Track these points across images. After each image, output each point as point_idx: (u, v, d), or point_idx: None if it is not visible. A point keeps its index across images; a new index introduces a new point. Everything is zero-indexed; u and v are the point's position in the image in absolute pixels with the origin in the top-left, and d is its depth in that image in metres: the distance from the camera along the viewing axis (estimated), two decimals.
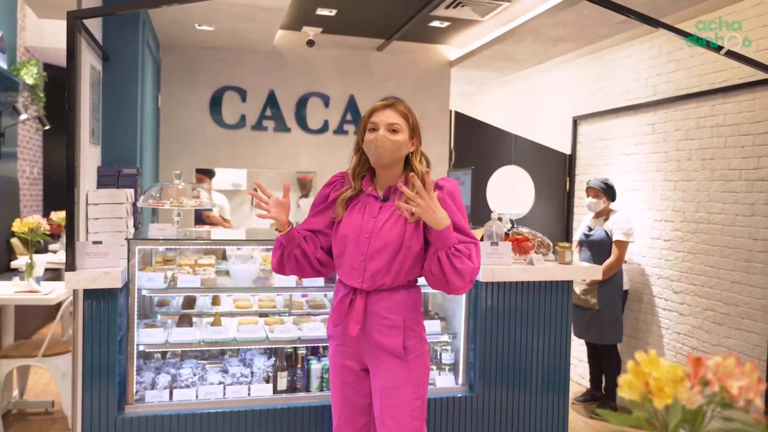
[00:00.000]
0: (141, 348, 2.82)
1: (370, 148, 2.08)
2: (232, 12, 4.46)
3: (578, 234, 4.49)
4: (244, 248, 3.52)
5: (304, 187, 7.07)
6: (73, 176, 2.62)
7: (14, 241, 5.60)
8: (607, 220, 4.22)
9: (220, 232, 3.80)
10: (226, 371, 2.98)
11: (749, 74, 3.58)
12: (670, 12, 3.92)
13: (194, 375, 2.90)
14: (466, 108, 6.69)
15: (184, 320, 3.06)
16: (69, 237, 2.60)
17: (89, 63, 3.36)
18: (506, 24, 4.91)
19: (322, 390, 2.96)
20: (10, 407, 3.90)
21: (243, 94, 5.69)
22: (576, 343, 4.38)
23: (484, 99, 7.39)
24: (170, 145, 5.54)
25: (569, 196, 5.29)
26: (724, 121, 3.80)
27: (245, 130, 5.73)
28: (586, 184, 4.37)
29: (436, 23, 5.16)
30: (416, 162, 2.13)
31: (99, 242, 2.63)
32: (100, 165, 3.72)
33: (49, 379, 4.52)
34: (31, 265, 3.74)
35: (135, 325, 2.75)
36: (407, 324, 2.12)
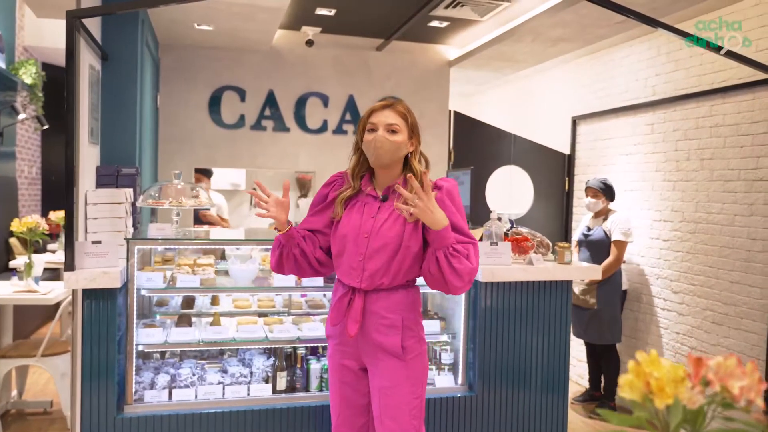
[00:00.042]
0: (140, 348, 2.82)
1: (369, 149, 2.08)
2: (232, 12, 4.46)
3: (577, 234, 4.49)
4: (243, 248, 3.52)
5: (303, 186, 7.07)
6: (72, 176, 2.62)
7: (13, 240, 5.59)
8: (606, 220, 4.22)
9: (220, 232, 3.80)
10: (225, 371, 2.97)
11: (748, 74, 3.58)
12: (669, 12, 3.92)
13: (193, 375, 2.90)
14: (465, 108, 6.70)
15: (183, 320, 3.06)
16: (68, 237, 2.60)
17: (88, 62, 3.36)
18: (505, 24, 4.91)
19: (322, 390, 2.96)
20: (9, 407, 3.90)
21: (242, 94, 5.69)
22: (575, 343, 4.38)
23: (483, 99, 7.39)
24: (169, 144, 5.53)
25: (568, 196, 5.29)
26: (723, 121, 3.81)
27: (244, 130, 5.72)
28: (585, 184, 4.37)
29: (435, 23, 5.16)
30: (415, 162, 2.13)
31: (98, 242, 2.63)
32: (99, 165, 3.72)
33: (47, 379, 4.51)
34: (29, 265, 3.74)
35: (134, 324, 2.75)
36: (405, 324, 2.12)
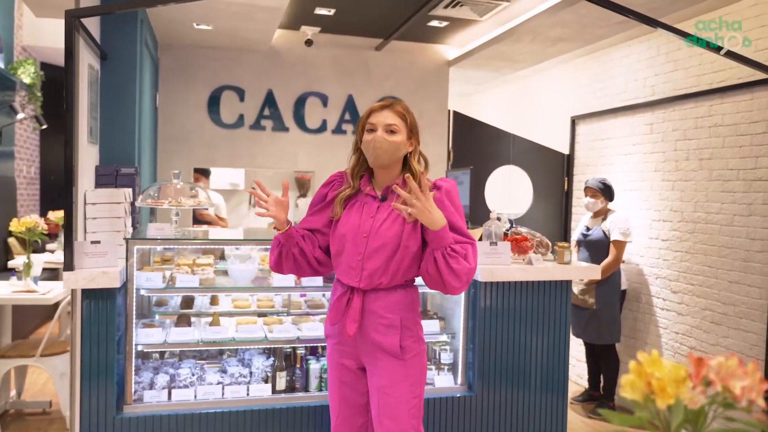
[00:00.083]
0: (139, 348, 2.81)
1: (368, 149, 2.08)
2: (231, 11, 4.45)
3: (576, 234, 4.49)
4: (242, 248, 3.52)
5: (302, 186, 7.06)
6: (71, 176, 2.61)
7: (11, 240, 5.59)
8: (605, 219, 4.23)
9: (219, 231, 3.79)
10: (224, 371, 2.97)
11: (747, 74, 3.58)
12: (668, 12, 3.92)
13: (193, 375, 2.90)
14: (464, 108, 6.69)
15: (182, 320, 3.05)
16: (67, 236, 2.60)
17: (87, 62, 3.36)
18: (505, 24, 4.91)
19: (321, 390, 2.96)
20: (8, 407, 3.89)
21: (241, 94, 5.68)
22: (574, 342, 4.38)
23: (482, 99, 7.39)
24: (168, 144, 5.53)
25: (567, 196, 5.29)
26: (722, 121, 3.81)
27: (243, 130, 5.71)
28: (585, 183, 4.37)
29: (434, 23, 5.16)
30: (414, 162, 2.14)
31: (97, 242, 2.63)
32: (98, 164, 3.71)
33: (46, 379, 4.51)
34: (28, 265, 3.73)
35: (133, 324, 2.75)
36: (404, 323, 2.12)
